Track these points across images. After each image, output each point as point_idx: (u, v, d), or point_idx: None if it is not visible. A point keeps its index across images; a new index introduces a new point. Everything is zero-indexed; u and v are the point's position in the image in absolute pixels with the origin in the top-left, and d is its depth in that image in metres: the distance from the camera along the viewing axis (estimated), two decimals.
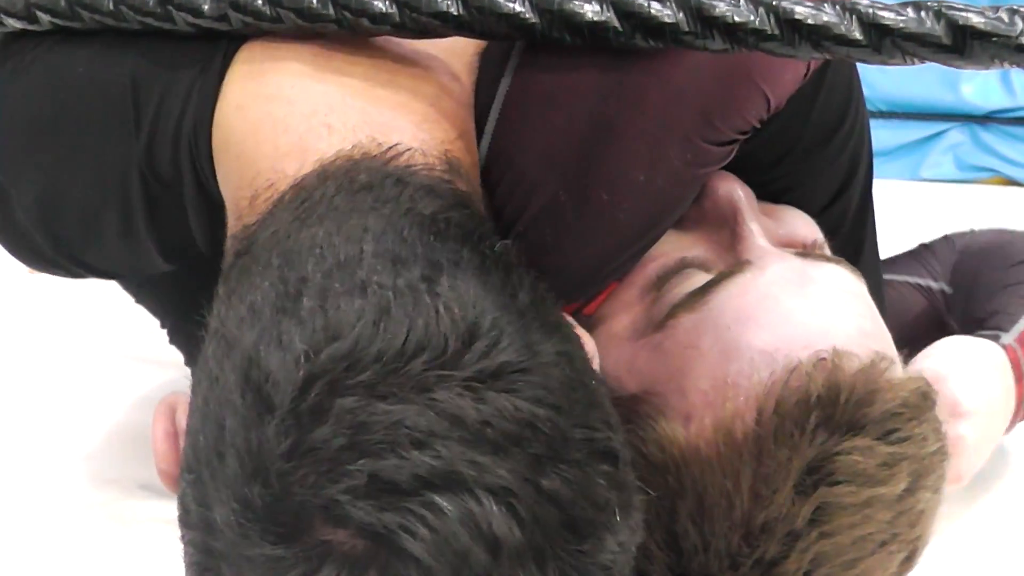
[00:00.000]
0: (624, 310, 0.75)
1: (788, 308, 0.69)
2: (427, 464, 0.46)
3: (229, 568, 0.49)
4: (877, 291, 0.78)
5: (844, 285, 0.72)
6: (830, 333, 0.67)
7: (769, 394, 0.65)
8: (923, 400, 0.67)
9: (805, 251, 0.76)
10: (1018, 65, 0.55)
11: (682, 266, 0.74)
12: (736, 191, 0.76)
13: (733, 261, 0.73)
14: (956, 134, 2.38)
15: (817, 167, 0.80)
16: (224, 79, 0.66)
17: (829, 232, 0.80)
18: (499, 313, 0.51)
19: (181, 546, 0.52)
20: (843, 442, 0.64)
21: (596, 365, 0.61)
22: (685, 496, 0.67)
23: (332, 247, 0.53)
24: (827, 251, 0.78)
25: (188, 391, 0.55)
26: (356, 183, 0.57)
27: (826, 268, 0.73)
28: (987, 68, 0.56)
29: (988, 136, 2.33)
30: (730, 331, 0.68)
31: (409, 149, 0.60)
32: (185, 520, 0.52)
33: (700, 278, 0.73)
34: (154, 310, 1.00)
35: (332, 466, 0.47)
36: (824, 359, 0.65)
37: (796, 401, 0.64)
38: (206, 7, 0.64)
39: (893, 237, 0.97)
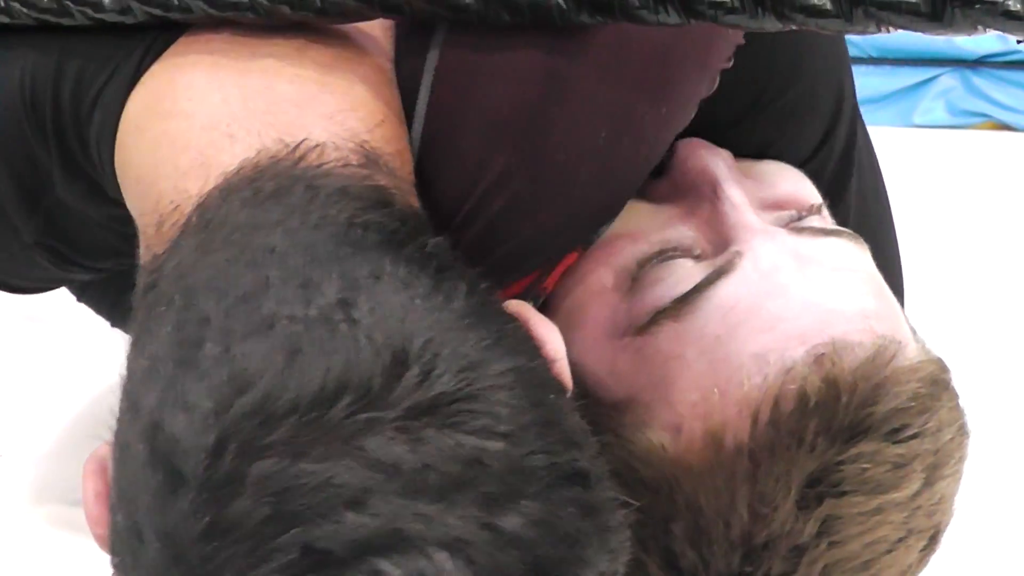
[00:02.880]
0: (598, 299, 0.67)
1: (781, 303, 0.62)
2: (364, 526, 0.41)
3: None
4: (883, 251, 0.72)
5: (843, 262, 0.65)
6: (828, 323, 0.61)
7: (763, 402, 0.59)
8: (935, 387, 0.61)
9: (799, 219, 0.68)
10: (1006, 31, 0.49)
11: (663, 252, 0.67)
12: (711, 159, 0.68)
13: (718, 244, 0.66)
14: (948, 79, 2.36)
15: (794, 114, 0.73)
16: (136, 84, 0.60)
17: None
18: (431, 334, 0.45)
19: None
20: (847, 449, 0.58)
21: (562, 364, 0.53)
22: (678, 516, 0.61)
23: (235, 277, 0.47)
24: (826, 215, 0.70)
25: None
26: (262, 193, 0.51)
27: (822, 244, 0.65)
28: (971, 35, 0.50)
29: (980, 81, 2.31)
30: (719, 340, 0.61)
31: (318, 145, 0.53)
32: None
33: (682, 269, 0.65)
34: (98, 311, 0.95)
35: (257, 543, 0.41)
36: (821, 355, 0.59)
37: (792, 409, 0.58)
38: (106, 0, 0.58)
39: (886, 185, 0.92)
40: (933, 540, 0.63)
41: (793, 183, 0.71)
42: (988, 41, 2.28)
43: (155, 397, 0.44)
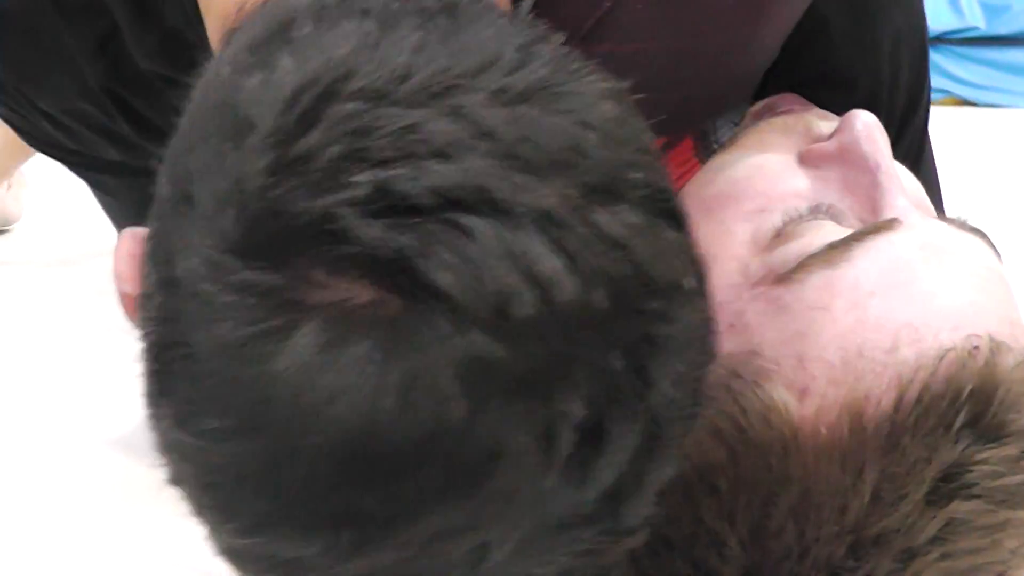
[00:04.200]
0: (728, 248, 0.61)
1: (937, 280, 0.57)
2: (448, 176, 0.37)
3: (196, 331, 0.39)
4: None
5: (987, 262, 0.60)
6: (981, 316, 0.56)
7: (914, 378, 0.54)
8: None
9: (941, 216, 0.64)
10: None
11: (815, 210, 0.62)
12: (881, 134, 0.63)
13: (872, 215, 0.61)
14: None
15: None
16: None
17: None
18: (531, 39, 0.42)
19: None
20: (988, 449, 0.53)
21: None
22: (789, 486, 0.54)
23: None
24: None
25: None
26: None
27: (970, 240, 0.61)
28: None
29: (939, 57, 2.32)
30: (873, 296, 0.56)
31: None
32: (144, 304, 0.43)
33: (833, 229, 0.60)
34: (113, 211, 0.95)
35: (326, 176, 0.37)
36: (977, 347, 0.54)
37: (944, 392, 0.53)
38: None
39: None
40: None
41: (918, 185, 0.67)
42: (945, 18, 2.31)
43: (233, 71, 0.42)
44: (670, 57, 0.59)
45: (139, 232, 0.48)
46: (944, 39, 2.33)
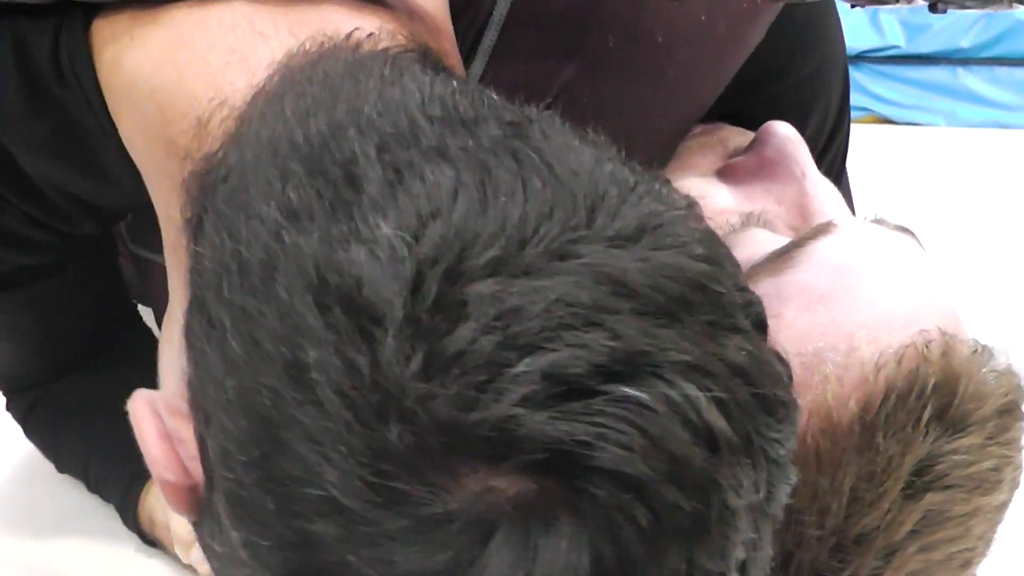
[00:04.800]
0: None
1: (882, 279, 0.58)
2: (604, 348, 0.36)
3: (358, 557, 0.35)
4: None
5: (922, 259, 0.61)
6: (930, 312, 0.57)
7: (877, 376, 0.54)
8: (1019, 398, 0.58)
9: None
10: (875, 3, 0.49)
11: (746, 223, 0.63)
12: (801, 143, 0.65)
13: (803, 221, 0.63)
14: None
15: (812, 89, 0.73)
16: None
17: None
18: (610, 164, 0.41)
19: None
20: (956, 440, 0.54)
21: None
22: None
23: (369, 120, 0.41)
24: None
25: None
26: (332, 78, 0.45)
27: (903, 239, 0.62)
28: None
29: (860, 75, 2.35)
30: (823, 299, 0.57)
31: (371, 34, 0.49)
32: (233, 541, 0.38)
33: (767, 237, 0.62)
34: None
35: (490, 373, 0.35)
36: (933, 341, 0.55)
37: (910, 388, 0.54)
38: None
39: None
40: (970, 568, 0.60)
41: (839, 193, 0.69)
42: (866, 36, 2.33)
43: (311, 240, 0.38)
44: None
45: (157, 400, 0.45)
46: (864, 57, 2.36)
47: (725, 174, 0.66)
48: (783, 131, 0.65)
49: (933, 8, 0.55)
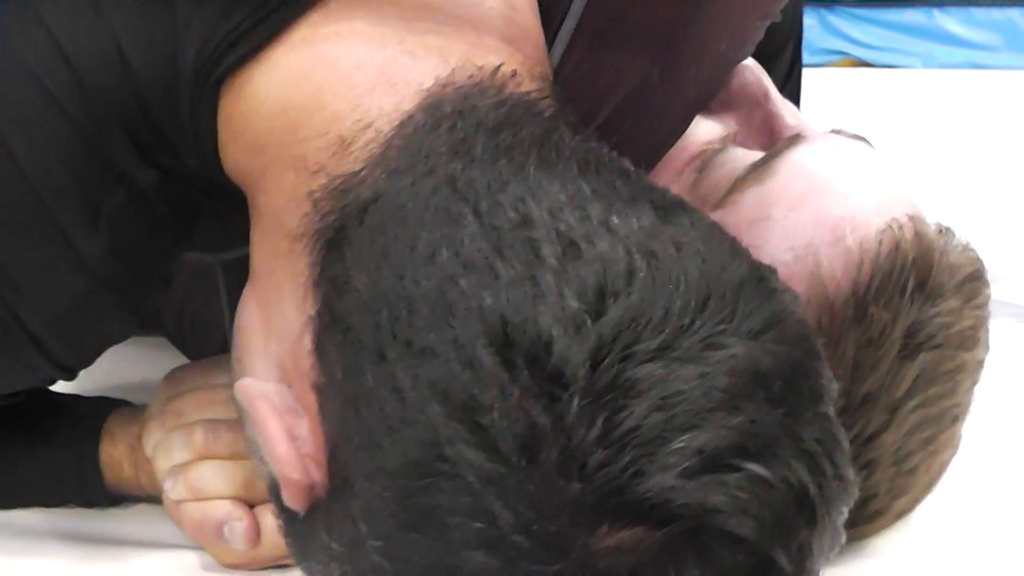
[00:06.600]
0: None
1: (853, 177, 0.67)
2: (739, 429, 0.42)
3: None
4: None
5: (881, 161, 0.70)
6: (898, 202, 0.66)
7: (863, 259, 0.63)
8: (981, 269, 0.67)
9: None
10: None
11: (724, 145, 0.73)
12: (761, 73, 0.75)
13: (771, 139, 0.72)
14: (804, 18, 2.36)
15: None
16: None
17: None
18: (743, 260, 0.47)
19: None
20: (938, 304, 0.63)
21: None
22: None
23: (537, 181, 0.47)
24: None
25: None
26: (487, 123, 0.50)
27: (859, 143, 0.71)
28: None
29: (835, 19, 2.35)
30: (805, 198, 0.65)
31: (514, 71, 0.53)
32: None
33: (744, 154, 0.71)
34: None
35: (656, 448, 0.41)
36: (906, 223, 0.64)
37: (893, 265, 0.63)
38: None
39: None
40: (957, 424, 0.67)
41: (796, 109, 0.79)
42: None
43: (495, 294, 0.43)
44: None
45: (272, 395, 0.49)
46: (841, 1, 2.35)
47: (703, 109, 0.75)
48: (744, 66, 0.74)
49: None
